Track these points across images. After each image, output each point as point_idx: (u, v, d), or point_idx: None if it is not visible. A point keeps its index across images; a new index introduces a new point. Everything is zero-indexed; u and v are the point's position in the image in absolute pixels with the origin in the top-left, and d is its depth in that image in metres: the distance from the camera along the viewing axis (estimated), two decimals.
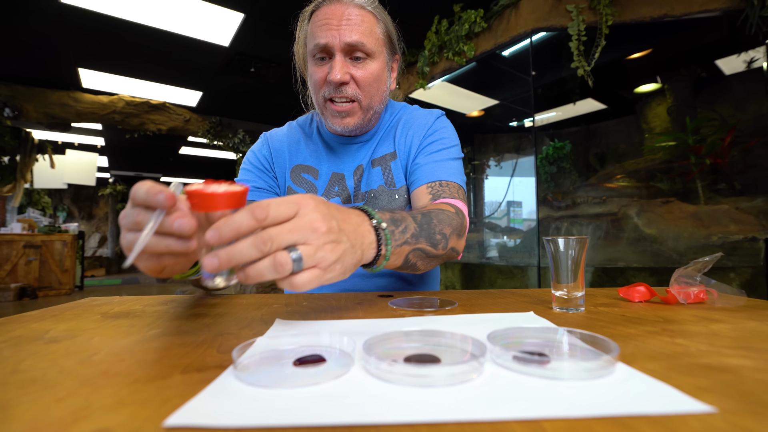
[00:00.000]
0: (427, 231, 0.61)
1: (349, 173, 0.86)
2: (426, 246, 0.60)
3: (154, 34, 3.59)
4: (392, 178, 0.85)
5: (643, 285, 0.61)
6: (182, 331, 0.46)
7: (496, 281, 3.46)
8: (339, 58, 0.73)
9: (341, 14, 0.72)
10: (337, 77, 0.72)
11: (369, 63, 0.76)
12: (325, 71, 0.75)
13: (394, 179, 0.85)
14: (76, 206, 11.35)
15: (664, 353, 0.35)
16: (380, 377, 0.29)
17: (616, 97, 4.32)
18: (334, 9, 0.73)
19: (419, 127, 0.86)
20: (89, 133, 6.41)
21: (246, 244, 0.36)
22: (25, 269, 5.48)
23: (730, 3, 2.16)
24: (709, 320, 0.48)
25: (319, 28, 0.73)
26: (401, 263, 0.58)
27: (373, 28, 0.76)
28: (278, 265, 0.37)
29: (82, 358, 0.36)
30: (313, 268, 0.40)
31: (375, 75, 0.77)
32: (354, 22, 0.72)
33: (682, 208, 2.99)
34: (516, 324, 0.45)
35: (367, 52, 0.74)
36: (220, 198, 0.39)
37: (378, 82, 0.78)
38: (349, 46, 0.72)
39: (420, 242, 0.59)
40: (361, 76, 0.75)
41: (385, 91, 0.83)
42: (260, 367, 0.32)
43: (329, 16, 0.73)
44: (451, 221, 0.67)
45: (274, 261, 0.37)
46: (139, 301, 0.67)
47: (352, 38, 0.72)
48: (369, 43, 0.74)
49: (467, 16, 2.89)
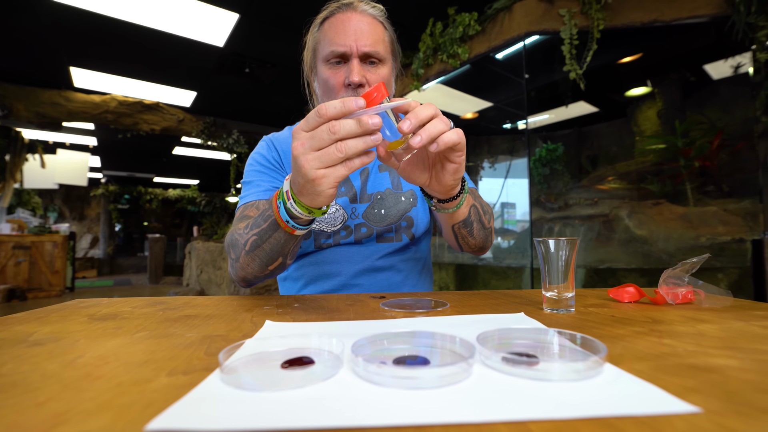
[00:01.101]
0: (479, 201, 0.78)
1: (355, 174, 0.90)
2: (480, 210, 0.77)
3: (148, 33, 3.56)
4: (399, 181, 0.91)
5: (633, 286, 0.62)
6: (170, 333, 0.45)
7: (490, 282, 3.48)
8: (356, 62, 0.77)
9: (357, 22, 0.77)
10: (356, 79, 0.75)
11: (381, 68, 0.80)
12: (342, 75, 0.78)
13: (400, 182, 0.91)
14: (68, 206, 11.21)
15: (651, 354, 0.35)
16: (369, 379, 0.29)
17: (608, 100, 4.37)
18: (350, 16, 0.78)
19: None
20: (81, 132, 6.34)
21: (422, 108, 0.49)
22: (15, 270, 5.40)
23: (718, 9, 2.20)
24: (697, 320, 0.48)
25: (336, 35, 0.77)
26: (467, 214, 0.72)
27: (384, 37, 0.81)
28: (444, 120, 0.50)
29: (66, 361, 0.35)
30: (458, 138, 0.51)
31: (386, 79, 0.81)
32: (369, 31, 0.78)
33: (671, 209, 3.03)
34: (506, 325, 0.46)
35: (380, 56, 0.79)
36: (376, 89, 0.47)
37: (387, 85, 0.83)
38: (366, 54, 0.77)
39: (476, 203, 0.76)
40: (375, 80, 0.79)
41: (390, 94, 0.86)
42: (247, 369, 0.32)
43: (345, 23, 0.77)
44: (489, 207, 0.83)
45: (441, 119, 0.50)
46: (127, 302, 0.66)
47: (368, 46, 0.77)
48: (382, 50, 0.79)
49: (461, 19, 2.91)
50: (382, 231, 0.86)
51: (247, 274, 0.69)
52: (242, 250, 0.67)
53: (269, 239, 0.62)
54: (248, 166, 0.88)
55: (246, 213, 0.78)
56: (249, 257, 0.66)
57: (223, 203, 11.96)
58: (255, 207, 0.79)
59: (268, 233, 0.62)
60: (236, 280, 0.74)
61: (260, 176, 0.85)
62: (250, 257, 0.66)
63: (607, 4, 2.34)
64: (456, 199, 0.65)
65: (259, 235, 0.63)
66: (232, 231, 0.72)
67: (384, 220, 0.86)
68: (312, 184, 0.48)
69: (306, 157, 0.47)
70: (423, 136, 0.47)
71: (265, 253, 0.65)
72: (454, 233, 0.77)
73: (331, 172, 0.47)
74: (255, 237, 0.64)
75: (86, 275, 9.44)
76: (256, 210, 0.78)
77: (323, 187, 0.48)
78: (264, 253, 0.65)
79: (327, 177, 0.47)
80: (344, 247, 0.85)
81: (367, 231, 0.85)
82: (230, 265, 0.73)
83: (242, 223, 0.70)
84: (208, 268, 4.84)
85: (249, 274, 0.69)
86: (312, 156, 0.46)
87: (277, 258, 0.65)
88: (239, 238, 0.68)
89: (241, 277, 0.71)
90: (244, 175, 0.88)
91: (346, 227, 0.85)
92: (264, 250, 0.64)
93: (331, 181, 0.47)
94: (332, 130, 0.45)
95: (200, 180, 11.59)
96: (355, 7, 0.79)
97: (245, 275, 0.70)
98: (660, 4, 2.29)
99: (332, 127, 0.45)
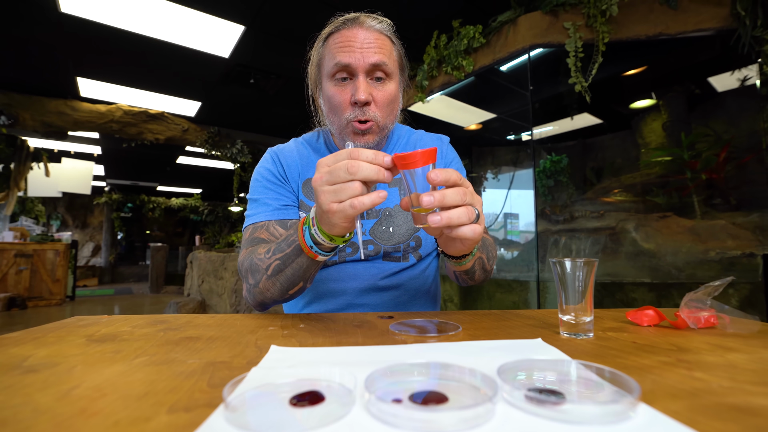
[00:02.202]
0: (486, 249, 0.77)
1: None
2: (485, 259, 0.76)
3: (155, 44, 3.60)
4: None
5: (652, 308, 0.60)
6: (171, 358, 0.43)
7: (495, 295, 3.43)
8: (362, 78, 0.74)
9: (363, 37, 0.74)
10: (362, 97, 0.73)
11: (388, 84, 0.77)
12: (347, 93, 0.75)
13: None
14: (71, 215, 11.24)
15: (684, 390, 0.33)
16: (384, 420, 0.27)
17: (612, 112, 4.37)
18: (356, 32, 0.74)
19: (437, 156, 0.91)
20: (86, 141, 6.38)
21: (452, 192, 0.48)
22: (16, 279, 5.39)
23: (723, 23, 2.20)
24: (724, 348, 0.46)
25: (341, 49, 0.74)
26: (471, 266, 0.71)
27: (391, 51, 0.78)
28: (470, 213, 0.49)
29: (61, 392, 0.33)
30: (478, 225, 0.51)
31: (393, 96, 0.78)
32: (376, 45, 0.74)
33: (679, 222, 2.99)
34: (526, 354, 0.43)
35: (387, 72, 0.76)
36: (417, 155, 0.48)
37: (394, 102, 0.80)
38: (374, 66, 0.74)
39: (483, 254, 0.75)
40: (381, 97, 0.76)
41: (398, 111, 0.84)
42: (253, 406, 0.29)
43: (351, 39, 0.74)
44: (494, 248, 0.83)
45: (467, 210, 0.49)
46: (127, 321, 0.64)
47: (375, 58, 0.73)
48: (390, 64, 0.76)
49: (466, 31, 2.92)
50: (389, 250, 0.84)
51: (265, 298, 0.70)
52: (263, 274, 0.67)
53: (292, 264, 0.64)
54: (254, 182, 0.86)
55: (256, 235, 0.78)
56: (270, 282, 0.67)
57: (225, 212, 11.98)
58: (265, 229, 0.78)
59: (292, 258, 0.64)
60: (252, 305, 0.74)
61: (267, 193, 0.83)
62: (271, 282, 0.67)
63: (612, 18, 2.34)
64: (462, 259, 0.66)
65: (282, 260, 0.65)
66: (250, 256, 0.71)
67: (392, 238, 0.84)
68: (327, 215, 0.52)
69: (322, 188, 0.51)
70: (442, 219, 0.48)
71: (286, 278, 0.66)
72: (454, 273, 0.78)
73: (344, 208, 0.49)
74: (278, 262, 0.65)
75: (87, 284, 9.42)
76: (267, 233, 0.78)
77: (336, 219, 0.51)
78: (285, 278, 0.66)
79: (340, 212, 0.50)
80: (350, 264, 0.83)
81: (374, 249, 0.83)
82: (246, 290, 0.73)
83: (262, 248, 0.70)
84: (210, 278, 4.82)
85: (268, 298, 0.70)
86: (327, 189, 0.50)
87: (299, 282, 0.67)
88: (260, 263, 0.68)
89: (258, 302, 0.72)
90: (251, 191, 0.86)
91: (352, 244, 0.83)
92: (286, 274, 0.65)
93: (342, 216, 0.50)
94: (350, 171, 0.48)
95: (203, 189, 11.62)
96: (362, 23, 0.76)
97: (264, 299, 0.71)
98: (665, 17, 2.30)
99: (351, 167, 0.48)
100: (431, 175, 0.48)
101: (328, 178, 0.50)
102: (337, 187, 0.49)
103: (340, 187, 0.49)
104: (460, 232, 0.49)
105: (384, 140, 0.86)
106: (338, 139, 0.83)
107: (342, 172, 0.49)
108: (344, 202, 0.49)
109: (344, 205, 0.49)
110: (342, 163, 0.49)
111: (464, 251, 0.60)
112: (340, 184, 0.49)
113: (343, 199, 0.49)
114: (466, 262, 0.68)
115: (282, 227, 0.79)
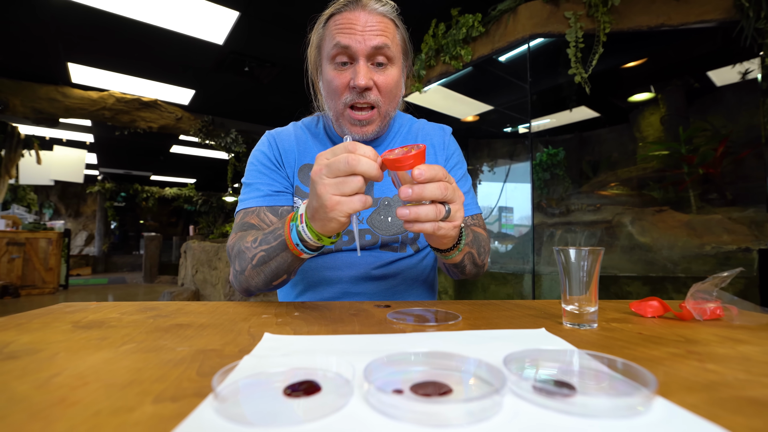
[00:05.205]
0: (477, 243, 0.76)
1: None
2: (475, 254, 0.74)
3: (147, 30, 3.51)
4: None
5: (656, 299, 0.58)
6: (159, 346, 0.41)
7: (489, 287, 3.44)
8: (363, 63, 0.71)
9: (365, 20, 0.71)
10: (362, 82, 0.70)
11: (390, 69, 0.74)
12: (347, 77, 0.72)
13: None
14: (63, 203, 11.11)
15: (699, 383, 0.31)
16: (384, 412, 0.25)
17: (610, 105, 4.34)
18: (358, 14, 0.71)
19: (439, 146, 0.91)
20: (78, 129, 6.27)
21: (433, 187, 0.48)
22: (8, 267, 5.33)
23: (726, 14, 2.17)
24: (734, 341, 0.44)
25: (342, 31, 0.71)
26: (459, 260, 0.70)
27: (394, 35, 0.75)
28: (438, 210, 0.49)
29: (40, 380, 0.31)
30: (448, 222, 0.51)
31: (395, 81, 0.76)
32: (378, 28, 0.71)
33: (675, 217, 3.00)
34: (530, 344, 0.42)
35: (389, 56, 0.73)
36: (408, 159, 0.48)
37: (397, 88, 0.77)
38: (375, 49, 0.71)
39: (473, 249, 0.73)
40: (383, 82, 0.73)
41: (400, 97, 0.82)
42: (244, 397, 0.28)
43: (353, 21, 0.71)
44: (487, 243, 0.82)
45: (436, 208, 0.49)
46: (116, 308, 0.62)
47: (377, 41, 0.71)
48: (392, 48, 0.73)
49: (465, 20, 2.88)
50: (387, 240, 0.82)
51: (250, 286, 0.70)
52: (249, 263, 0.67)
53: (276, 257, 0.63)
54: (249, 165, 0.84)
55: (246, 220, 0.77)
56: (254, 271, 0.67)
57: (219, 202, 11.89)
58: (256, 215, 0.77)
59: (276, 251, 0.63)
60: (238, 290, 0.74)
61: (260, 178, 0.81)
62: (256, 272, 0.67)
63: (614, 8, 2.31)
64: (448, 252, 0.66)
65: (267, 252, 0.64)
66: (238, 242, 0.70)
67: (390, 228, 0.82)
68: (325, 210, 0.50)
69: (322, 181, 0.49)
70: (410, 213, 0.49)
71: (270, 270, 0.65)
72: (445, 265, 0.76)
73: (346, 202, 0.49)
74: (263, 253, 0.64)
75: (81, 273, 9.35)
76: (257, 218, 0.77)
77: (336, 213, 0.50)
78: (269, 270, 0.65)
79: (341, 205, 0.49)
80: (345, 253, 0.81)
81: (372, 239, 0.81)
82: (233, 274, 0.72)
83: (250, 236, 0.68)
84: (204, 268, 4.79)
85: (252, 286, 0.70)
86: (329, 182, 0.49)
87: (282, 275, 0.66)
88: (246, 251, 0.67)
89: (244, 288, 0.71)
90: (246, 174, 0.84)
91: (349, 232, 0.81)
92: (270, 266, 0.65)
93: (344, 209, 0.49)
94: (350, 163, 0.48)
95: (197, 179, 11.51)
96: (364, 5, 0.72)
97: (248, 287, 0.71)
98: (667, 8, 2.27)
99: (351, 160, 0.47)
100: (415, 172, 0.47)
101: (327, 171, 0.49)
102: (338, 180, 0.49)
103: (341, 180, 0.49)
104: (423, 227, 0.49)
105: (385, 128, 0.83)
106: (336, 125, 0.80)
107: (342, 164, 0.48)
108: (349, 197, 0.49)
109: (347, 199, 0.49)
110: (342, 156, 0.48)
111: (444, 245, 0.61)
112: (342, 177, 0.49)
113: (345, 192, 0.49)
114: (452, 256, 0.67)
115: (273, 213, 0.78)
